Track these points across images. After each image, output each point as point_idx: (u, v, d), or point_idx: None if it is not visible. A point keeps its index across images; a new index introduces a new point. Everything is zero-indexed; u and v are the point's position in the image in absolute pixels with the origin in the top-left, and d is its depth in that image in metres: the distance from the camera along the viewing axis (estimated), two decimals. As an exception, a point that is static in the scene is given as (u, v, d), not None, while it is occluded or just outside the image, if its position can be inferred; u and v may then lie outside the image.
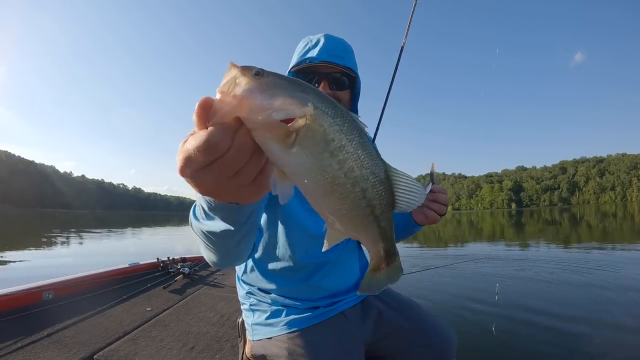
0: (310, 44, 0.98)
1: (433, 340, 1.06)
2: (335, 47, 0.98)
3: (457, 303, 3.86)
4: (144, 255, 3.98)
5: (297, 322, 0.99)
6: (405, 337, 1.06)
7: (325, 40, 0.98)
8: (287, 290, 1.03)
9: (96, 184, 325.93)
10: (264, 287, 1.06)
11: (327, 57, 0.95)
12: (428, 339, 1.06)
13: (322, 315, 1.02)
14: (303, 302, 1.03)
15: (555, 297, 4.03)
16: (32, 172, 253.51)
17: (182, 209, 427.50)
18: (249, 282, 1.10)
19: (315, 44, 0.98)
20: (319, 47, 0.97)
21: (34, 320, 1.97)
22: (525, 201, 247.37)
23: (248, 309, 1.08)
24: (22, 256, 8.19)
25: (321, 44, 0.97)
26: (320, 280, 1.04)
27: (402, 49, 1.15)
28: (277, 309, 1.02)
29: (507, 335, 2.82)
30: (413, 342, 1.05)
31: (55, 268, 6.48)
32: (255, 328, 1.04)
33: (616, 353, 2.48)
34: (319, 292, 1.05)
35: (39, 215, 66.38)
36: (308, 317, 1.00)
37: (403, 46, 1.15)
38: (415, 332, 1.07)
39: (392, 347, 1.07)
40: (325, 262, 1.06)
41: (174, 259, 3.53)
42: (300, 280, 1.03)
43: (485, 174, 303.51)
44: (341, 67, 0.96)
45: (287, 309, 1.02)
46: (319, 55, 0.95)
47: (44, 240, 12.69)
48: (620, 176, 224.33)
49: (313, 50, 0.97)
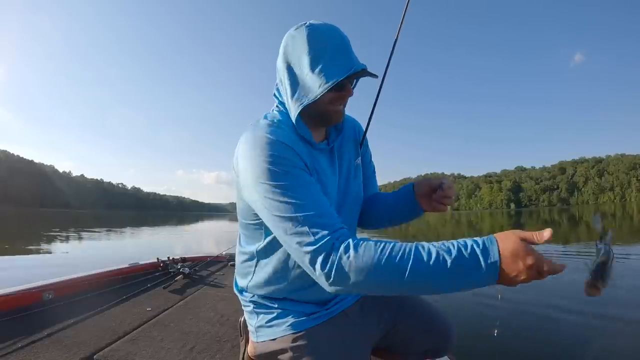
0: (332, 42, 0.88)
1: (433, 325, 1.07)
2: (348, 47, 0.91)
3: (458, 303, 3.86)
4: (143, 255, 3.98)
5: (301, 323, 0.98)
6: (406, 326, 1.07)
7: (345, 39, 0.90)
8: (291, 291, 1.03)
9: (95, 184, 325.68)
10: (268, 290, 1.04)
11: (362, 65, 0.89)
12: (428, 325, 1.07)
13: (325, 315, 1.02)
14: (306, 302, 1.03)
15: (557, 296, 4.04)
16: (31, 172, 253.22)
17: (181, 208, 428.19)
18: (252, 285, 1.09)
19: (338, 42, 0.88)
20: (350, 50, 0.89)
21: (34, 320, 1.97)
22: (525, 201, 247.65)
23: (251, 312, 1.07)
24: (22, 256, 8.19)
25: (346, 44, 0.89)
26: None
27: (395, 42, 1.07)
28: (281, 311, 1.02)
29: (509, 336, 2.83)
30: (414, 329, 1.07)
31: (55, 267, 6.48)
32: (259, 330, 1.03)
33: (617, 352, 2.49)
34: (323, 292, 1.05)
35: (38, 214, 66.32)
36: (312, 318, 1.00)
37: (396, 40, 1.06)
38: (415, 320, 1.08)
39: (394, 337, 1.07)
40: None
41: (174, 259, 3.52)
42: (304, 280, 1.03)
43: (484, 174, 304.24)
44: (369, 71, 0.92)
45: (291, 310, 1.01)
46: (358, 62, 0.89)
47: (44, 240, 12.69)
48: (619, 177, 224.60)
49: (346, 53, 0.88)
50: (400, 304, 1.11)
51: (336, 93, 0.87)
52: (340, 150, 1.06)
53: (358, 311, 1.07)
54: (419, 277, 0.66)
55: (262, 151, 0.80)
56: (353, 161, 1.09)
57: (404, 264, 0.66)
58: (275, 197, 0.77)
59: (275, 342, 0.98)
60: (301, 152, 0.86)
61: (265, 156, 0.79)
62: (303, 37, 0.86)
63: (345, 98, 0.91)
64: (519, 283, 0.65)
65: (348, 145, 1.09)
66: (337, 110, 0.91)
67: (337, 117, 0.93)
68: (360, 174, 1.11)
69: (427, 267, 0.66)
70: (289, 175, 0.79)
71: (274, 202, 0.77)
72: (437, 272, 0.65)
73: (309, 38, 0.85)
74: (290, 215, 0.76)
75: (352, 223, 1.09)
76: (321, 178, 0.93)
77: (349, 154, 1.08)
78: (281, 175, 0.79)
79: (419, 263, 0.66)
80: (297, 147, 0.85)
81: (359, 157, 1.12)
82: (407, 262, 0.66)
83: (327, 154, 1.01)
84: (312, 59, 0.85)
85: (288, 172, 0.79)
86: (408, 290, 0.71)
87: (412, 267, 0.66)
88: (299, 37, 0.87)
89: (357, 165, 1.10)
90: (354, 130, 1.13)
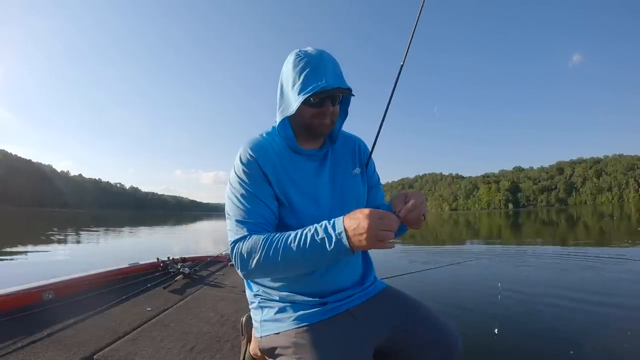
0: (310, 65, 1.00)
1: (440, 335, 1.08)
2: (334, 67, 1.02)
3: (459, 303, 3.87)
4: (143, 255, 3.98)
5: (305, 317, 1.01)
6: (412, 334, 1.07)
7: (325, 61, 1.01)
8: (295, 286, 1.06)
9: (93, 183, 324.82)
10: (273, 284, 1.09)
11: (338, 83, 1.00)
12: (435, 335, 1.07)
13: (329, 311, 1.04)
14: (311, 298, 1.06)
15: (558, 296, 4.06)
16: (29, 171, 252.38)
17: (180, 208, 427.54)
18: (258, 281, 1.13)
19: (316, 64, 1.00)
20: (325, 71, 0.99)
21: (34, 320, 1.98)
22: (523, 202, 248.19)
23: (257, 307, 1.11)
24: (21, 255, 8.17)
25: (324, 66, 1.00)
26: (328, 274, 1.07)
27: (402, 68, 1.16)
28: (285, 305, 1.05)
29: (510, 336, 2.82)
30: (421, 338, 1.07)
31: (54, 266, 6.47)
32: (263, 324, 1.07)
33: (617, 352, 2.50)
34: (326, 286, 1.08)
35: (36, 214, 66.11)
36: (316, 313, 1.03)
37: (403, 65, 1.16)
38: (423, 329, 1.08)
39: (400, 345, 1.08)
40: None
41: (174, 259, 3.53)
42: (309, 275, 1.05)
43: (482, 174, 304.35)
44: (344, 89, 1.02)
45: (295, 305, 1.05)
46: (332, 81, 0.99)
47: (43, 239, 12.64)
48: (617, 177, 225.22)
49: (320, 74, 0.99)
50: (410, 312, 1.12)
51: (316, 109, 1.02)
52: (335, 159, 1.17)
53: (363, 312, 1.09)
54: (289, 257, 0.88)
55: (236, 161, 1.06)
56: (350, 170, 1.18)
57: (276, 250, 0.89)
58: (229, 199, 1.04)
59: (279, 337, 1.01)
60: (272, 159, 1.05)
61: (235, 166, 1.05)
62: (291, 61, 1.02)
63: (325, 113, 1.03)
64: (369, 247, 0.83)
65: (344, 156, 1.20)
66: (322, 124, 1.05)
67: (322, 129, 1.06)
68: (358, 182, 1.19)
69: (294, 248, 0.87)
70: (243, 184, 1.02)
71: (227, 202, 1.04)
72: (302, 250, 0.87)
73: (295, 62, 1.01)
74: (231, 215, 1.01)
75: None
76: (294, 178, 1.08)
77: (345, 164, 1.19)
78: (238, 184, 1.03)
79: (287, 247, 0.88)
80: (269, 155, 1.06)
81: (356, 168, 1.20)
82: (279, 248, 0.89)
83: (317, 160, 1.14)
84: (294, 79, 1.01)
85: (243, 182, 1.02)
86: (284, 269, 0.92)
87: (283, 251, 0.88)
88: (289, 61, 1.03)
89: (354, 175, 1.19)
90: (354, 146, 1.24)
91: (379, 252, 1.31)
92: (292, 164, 1.09)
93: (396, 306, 1.14)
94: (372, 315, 1.09)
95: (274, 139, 1.11)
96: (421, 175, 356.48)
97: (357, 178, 1.19)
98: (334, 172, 1.15)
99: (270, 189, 1.04)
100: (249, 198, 1.01)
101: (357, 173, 1.19)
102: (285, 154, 1.09)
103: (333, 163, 1.17)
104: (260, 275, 1.00)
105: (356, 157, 1.22)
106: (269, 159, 1.05)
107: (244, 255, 0.93)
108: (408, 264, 6.82)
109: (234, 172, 1.05)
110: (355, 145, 1.24)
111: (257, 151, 1.05)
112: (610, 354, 2.51)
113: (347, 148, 1.22)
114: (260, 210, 1.00)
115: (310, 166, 1.12)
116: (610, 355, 2.49)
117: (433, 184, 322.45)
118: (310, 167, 1.12)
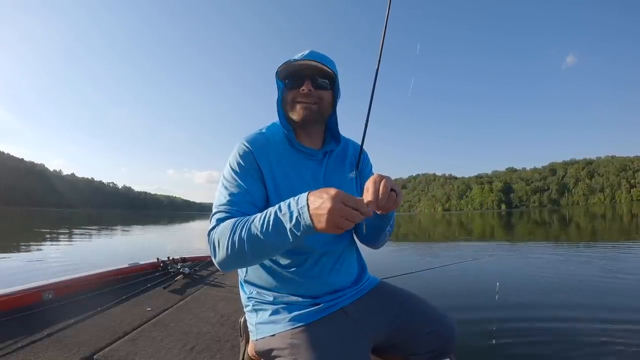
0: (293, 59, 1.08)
1: (438, 326, 1.09)
2: (318, 53, 1.09)
3: (458, 303, 3.89)
4: (141, 255, 3.97)
5: (300, 317, 1.02)
6: (410, 327, 1.09)
7: (310, 50, 1.10)
8: (289, 287, 1.07)
9: (86, 183, 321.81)
10: (267, 285, 1.09)
11: (311, 57, 1.06)
12: (433, 326, 1.09)
13: (323, 311, 1.04)
14: (305, 298, 1.06)
15: (556, 296, 4.11)
16: (21, 170, 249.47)
17: (173, 208, 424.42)
18: (251, 283, 1.14)
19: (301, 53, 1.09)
20: (304, 53, 1.08)
21: (34, 320, 1.97)
22: (515, 202, 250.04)
23: (251, 310, 1.11)
24: (19, 254, 8.08)
25: (307, 51, 1.09)
26: (321, 273, 1.08)
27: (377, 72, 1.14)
28: (279, 307, 1.06)
29: (508, 336, 2.84)
30: (418, 330, 1.08)
31: (54, 266, 6.39)
32: (258, 327, 1.06)
33: (617, 352, 2.52)
34: (320, 286, 1.08)
35: (28, 213, 65.31)
36: (310, 313, 1.03)
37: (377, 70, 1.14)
38: (420, 320, 1.10)
39: (398, 337, 1.09)
40: (325, 253, 1.10)
41: (174, 259, 3.53)
42: (302, 274, 1.06)
43: (475, 175, 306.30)
44: (323, 65, 1.06)
45: (289, 306, 1.05)
46: (304, 57, 1.06)
47: (38, 239, 12.48)
48: (609, 178, 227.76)
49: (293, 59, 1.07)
50: (406, 305, 1.14)
51: (296, 90, 1.07)
52: (332, 161, 1.19)
53: (358, 309, 1.10)
54: (253, 235, 0.84)
55: (233, 152, 1.07)
56: (346, 174, 1.20)
57: (242, 229, 0.85)
58: (218, 189, 1.04)
59: (274, 339, 1.01)
60: (269, 154, 1.07)
61: (231, 157, 1.07)
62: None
63: (304, 94, 1.06)
64: (326, 231, 0.76)
65: (342, 159, 1.22)
66: (304, 107, 1.07)
67: (301, 112, 1.07)
68: (353, 186, 1.21)
69: (258, 226, 0.83)
70: (233, 173, 1.03)
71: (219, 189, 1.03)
72: (266, 227, 0.82)
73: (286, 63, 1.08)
74: (214, 203, 1.01)
75: (348, 232, 1.16)
76: (289, 174, 1.08)
77: (342, 167, 1.21)
78: (229, 173, 1.04)
79: (251, 225, 0.84)
80: (266, 150, 1.07)
81: (353, 172, 1.22)
82: (244, 226, 0.86)
83: (316, 160, 1.16)
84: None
85: (234, 172, 1.03)
86: (252, 257, 0.87)
87: (248, 230, 0.84)
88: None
89: (350, 179, 1.21)
90: (352, 150, 1.26)
91: (376, 252, 1.34)
92: (289, 160, 1.10)
93: (391, 300, 1.16)
94: (366, 311, 1.10)
95: (274, 134, 1.12)
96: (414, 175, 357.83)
97: (352, 182, 1.21)
98: (330, 174, 1.17)
99: (260, 184, 1.04)
100: (235, 188, 1.01)
101: (353, 177, 1.21)
102: (283, 150, 1.10)
103: (330, 165, 1.18)
104: (233, 262, 0.90)
105: (353, 162, 1.24)
106: (266, 154, 1.07)
107: (215, 243, 0.90)
108: (405, 265, 6.85)
109: (228, 163, 1.06)
110: (353, 150, 1.27)
111: (254, 144, 1.07)
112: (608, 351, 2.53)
113: (346, 152, 1.24)
114: (243, 199, 0.99)
115: (307, 165, 1.14)
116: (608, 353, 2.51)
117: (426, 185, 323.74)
118: (307, 165, 1.13)
